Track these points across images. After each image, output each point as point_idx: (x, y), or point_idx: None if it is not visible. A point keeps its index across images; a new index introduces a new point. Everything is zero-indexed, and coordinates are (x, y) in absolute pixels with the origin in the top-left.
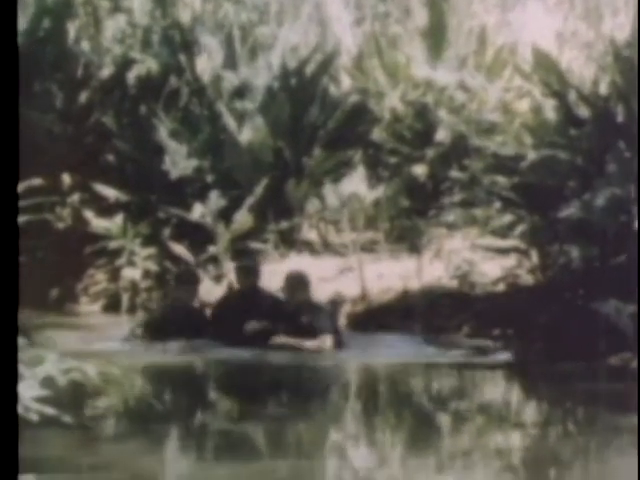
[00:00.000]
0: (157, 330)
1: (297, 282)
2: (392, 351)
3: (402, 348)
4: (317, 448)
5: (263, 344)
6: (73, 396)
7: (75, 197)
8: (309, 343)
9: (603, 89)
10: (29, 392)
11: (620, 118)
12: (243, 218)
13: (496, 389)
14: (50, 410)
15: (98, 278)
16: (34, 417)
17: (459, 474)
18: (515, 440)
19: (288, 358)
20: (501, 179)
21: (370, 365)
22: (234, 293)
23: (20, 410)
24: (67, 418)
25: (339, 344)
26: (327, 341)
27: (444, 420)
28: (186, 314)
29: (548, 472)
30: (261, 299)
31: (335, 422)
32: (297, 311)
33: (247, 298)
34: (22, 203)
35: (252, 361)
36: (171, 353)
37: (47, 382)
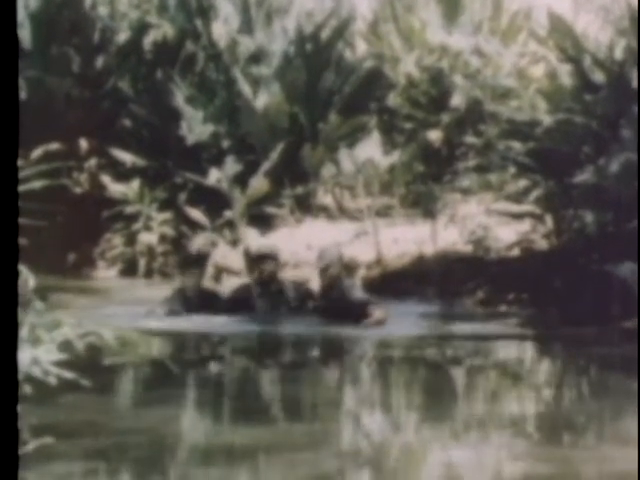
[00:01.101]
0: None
1: (331, 257)
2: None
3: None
4: (332, 412)
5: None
6: (91, 360)
7: (92, 162)
8: (372, 320)
9: (618, 54)
10: (48, 356)
11: (635, 83)
12: (259, 183)
13: (511, 352)
14: (68, 374)
15: (115, 242)
16: (53, 380)
17: (475, 437)
18: (529, 404)
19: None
20: (516, 144)
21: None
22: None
23: (39, 374)
24: (85, 382)
25: None
26: (382, 311)
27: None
28: (205, 297)
29: (562, 436)
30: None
31: (350, 387)
32: (330, 288)
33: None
34: (39, 168)
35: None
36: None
37: (65, 346)
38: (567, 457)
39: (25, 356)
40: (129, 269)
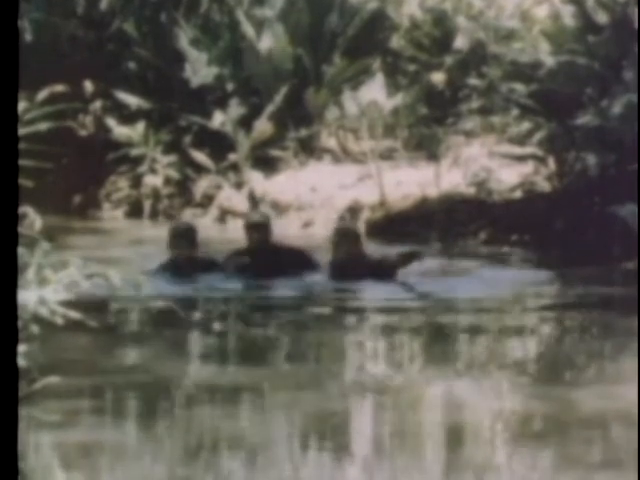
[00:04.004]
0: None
1: (346, 236)
2: None
3: None
4: (336, 354)
5: None
6: (96, 301)
7: (97, 104)
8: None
9: None
10: (54, 296)
11: (638, 24)
12: (263, 126)
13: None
14: (75, 314)
15: (120, 185)
16: (59, 320)
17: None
18: (531, 344)
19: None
20: (519, 86)
21: None
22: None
23: (46, 313)
24: (92, 322)
25: None
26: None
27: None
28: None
29: (564, 374)
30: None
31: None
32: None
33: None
34: (45, 110)
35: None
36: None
37: (71, 286)
38: (567, 395)
39: (32, 296)
40: (134, 211)
